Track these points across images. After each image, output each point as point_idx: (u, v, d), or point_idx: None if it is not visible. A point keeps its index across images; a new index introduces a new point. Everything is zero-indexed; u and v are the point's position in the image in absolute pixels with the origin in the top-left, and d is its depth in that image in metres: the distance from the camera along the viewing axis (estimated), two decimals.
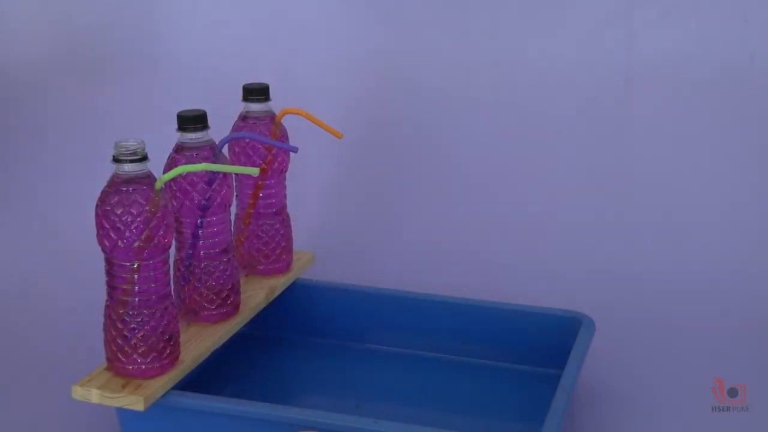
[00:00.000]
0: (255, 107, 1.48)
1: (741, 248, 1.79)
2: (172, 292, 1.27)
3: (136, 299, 1.20)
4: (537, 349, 1.48)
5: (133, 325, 1.21)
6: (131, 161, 1.17)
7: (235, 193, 1.47)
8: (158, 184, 1.18)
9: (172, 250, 1.26)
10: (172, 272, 1.28)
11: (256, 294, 1.47)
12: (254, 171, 1.20)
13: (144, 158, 1.17)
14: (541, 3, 1.94)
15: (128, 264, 1.19)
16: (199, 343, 1.32)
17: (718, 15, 1.87)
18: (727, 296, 1.69)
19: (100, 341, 1.24)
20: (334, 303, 1.56)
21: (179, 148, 1.33)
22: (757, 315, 1.65)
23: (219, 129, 1.39)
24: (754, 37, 1.86)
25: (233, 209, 1.44)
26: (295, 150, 1.36)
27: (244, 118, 1.48)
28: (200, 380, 1.36)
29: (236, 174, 1.45)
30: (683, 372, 1.51)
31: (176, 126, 1.33)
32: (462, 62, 1.97)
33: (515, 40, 1.94)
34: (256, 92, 1.47)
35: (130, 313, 1.20)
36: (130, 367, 1.22)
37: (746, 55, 1.86)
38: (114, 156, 1.18)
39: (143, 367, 1.22)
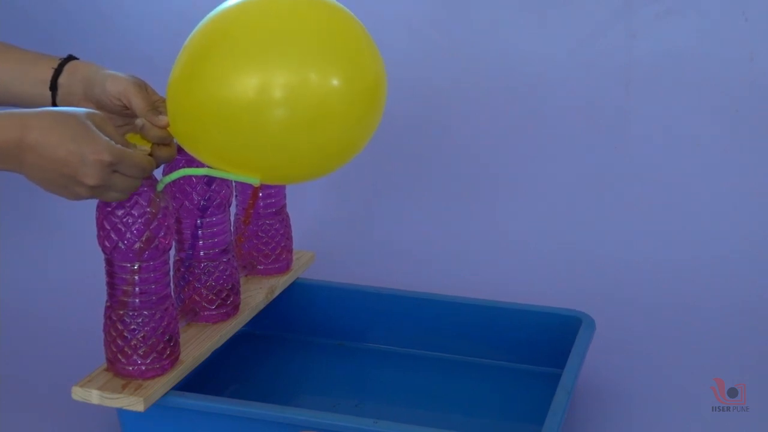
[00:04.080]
0: None
1: (741, 248, 1.79)
2: (172, 293, 1.27)
3: (137, 300, 1.20)
4: (537, 348, 1.48)
5: (133, 326, 1.21)
6: None
7: (234, 193, 1.46)
8: (159, 186, 1.18)
9: (172, 251, 1.26)
10: (171, 273, 1.28)
11: (256, 294, 1.46)
12: (255, 181, 1.18)
13: None
14: (541, 2, 1.94)
15: (129, 265, 1.19)
16: (199, 343, 1.32)
17: (718, 14, 1.87)
18: (728, 296, 1.69)
19: (100, 342, 1.24)
20: (334, 303, 1.56)
21: (181, 150, 1.33)
22: (757, 315, 1.65)
23: None
24: (754, 36, 1.86)
25: (233, 209, 1.44)
26: None
27: None
28: (200, 380, 1.36)
29: None
30: (683, 372, 1.51)
31: None
32: (462, 62, 1.97)
33: (515, 39, 1.94)
34: None
35: (131, 314, 1.20)
36: (130, 368, 1.22)
37: (746, 55, 1.86)
38: None
39: (143, 367, 1.22)
